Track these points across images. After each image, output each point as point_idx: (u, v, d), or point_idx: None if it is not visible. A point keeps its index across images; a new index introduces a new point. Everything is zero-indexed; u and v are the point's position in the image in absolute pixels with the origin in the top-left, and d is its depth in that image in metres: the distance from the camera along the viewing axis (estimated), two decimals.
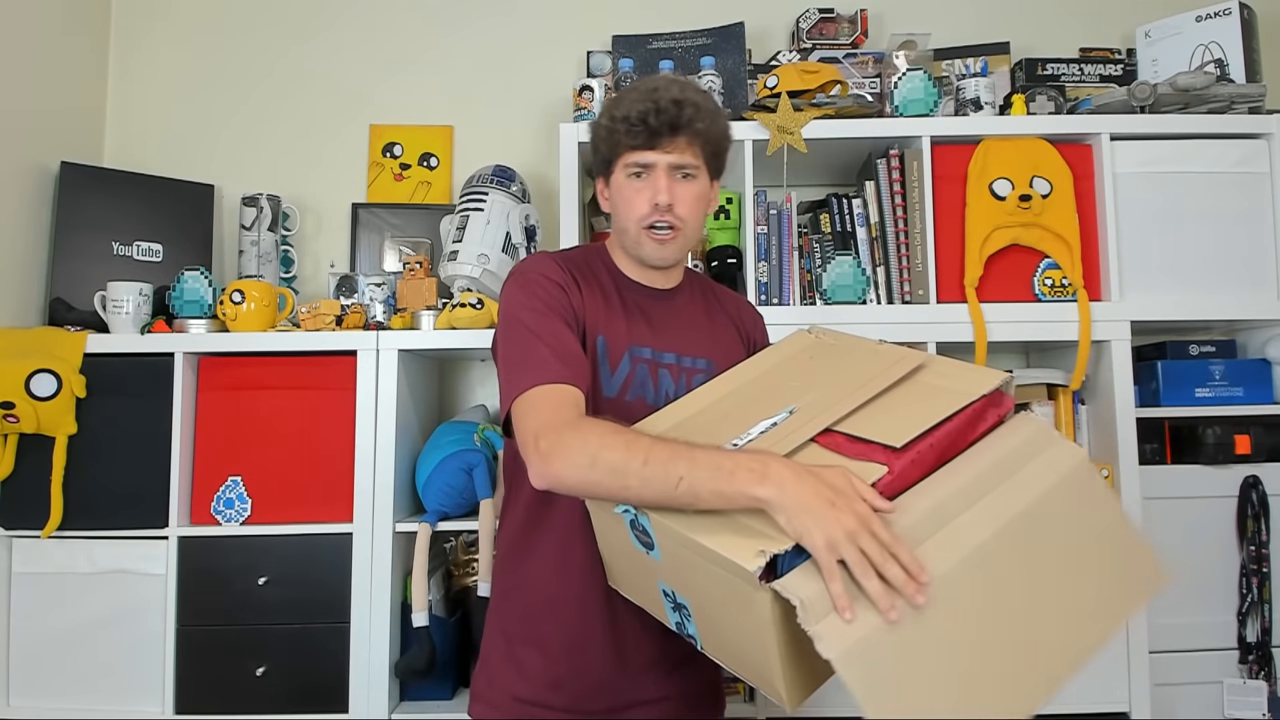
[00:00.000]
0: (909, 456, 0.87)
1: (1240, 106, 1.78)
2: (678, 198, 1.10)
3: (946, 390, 0.95)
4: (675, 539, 0.86)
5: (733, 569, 0.79)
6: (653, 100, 1.07)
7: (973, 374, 0.99)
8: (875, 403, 0.95)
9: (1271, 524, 1.70)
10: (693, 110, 1.07)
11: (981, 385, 0.95)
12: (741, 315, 1.27)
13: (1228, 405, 1.75)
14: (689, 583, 0.89)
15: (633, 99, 1.09)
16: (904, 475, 0.86)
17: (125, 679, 1.67)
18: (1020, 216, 1.72)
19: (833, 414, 0.93)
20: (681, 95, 1.07)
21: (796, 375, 1.06)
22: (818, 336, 1.16)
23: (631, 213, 1.11)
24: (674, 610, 0.95)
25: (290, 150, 2.19)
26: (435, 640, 1.65)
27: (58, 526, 1.66)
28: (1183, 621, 1.67)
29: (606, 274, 1.17)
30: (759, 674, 0.86)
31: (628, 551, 0.97)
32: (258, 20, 2.22)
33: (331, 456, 1.69)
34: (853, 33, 2.09)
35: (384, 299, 1.85)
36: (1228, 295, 1.74)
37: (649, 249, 1.12)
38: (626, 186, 1.11)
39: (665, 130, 1.07)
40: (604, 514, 1.00)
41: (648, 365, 1.12)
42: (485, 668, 1.17)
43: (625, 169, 1.11)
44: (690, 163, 1.10)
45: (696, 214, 1.13)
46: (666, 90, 1.07)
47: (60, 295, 1.85)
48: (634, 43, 2.05)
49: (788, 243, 1.78)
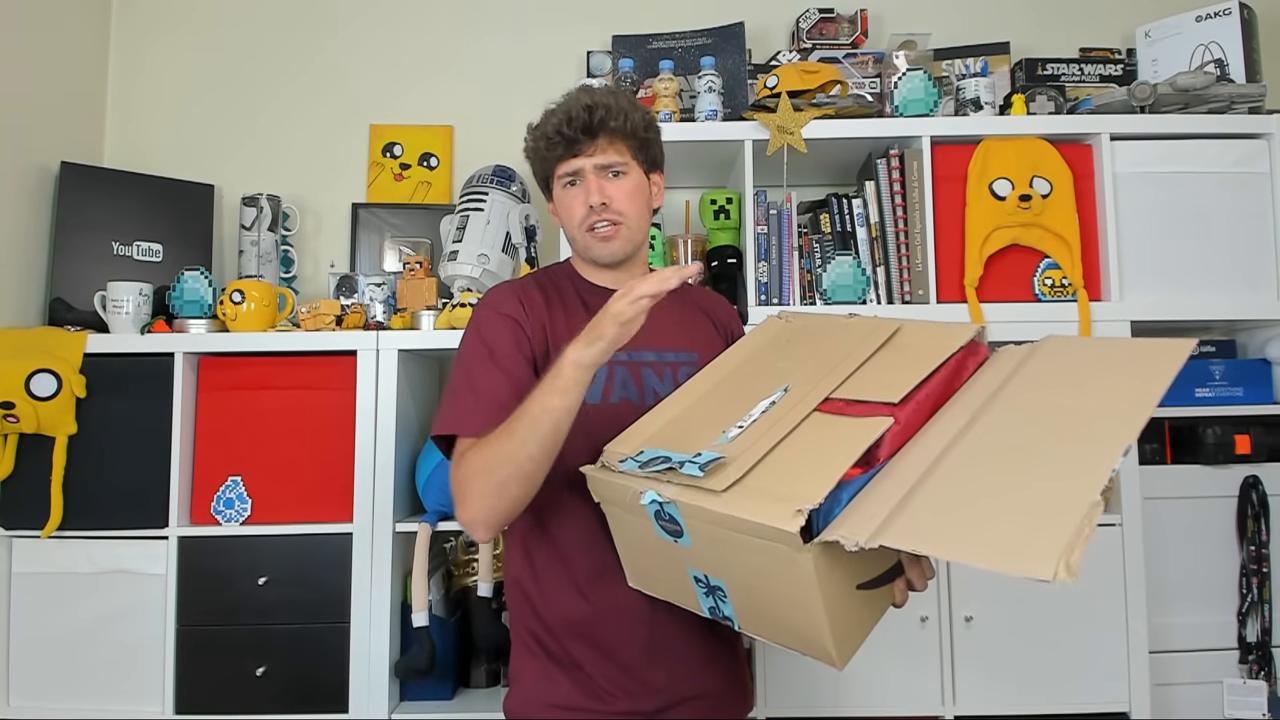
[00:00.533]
0: (909, 408, 0.92)
1: (1240, 106, 1.78)
2: (610, 195, 1.13)
3: (926, 349, 1.00)
4: (706, 518, 0.87)
5: (771, 534, 0.80)
6: (564, 112, 1.13)
7: (946, 330, 1.05)
8: (863, 369, 1.01)
9: (1271, 524, 1.70)
10: (604, 111, 1.12)
11: (957, 338, 1.01)
12: (714, 308, 1.29)
13: (1228, 405, 1.75)
14: (723, 561, 0.91)
15: (548, 116, 1.16)
16: (909, 424, 0.91)
17: (125, 679, 1.67)
18: (1020, 216, 1.72)
19: (828, 384, 0.98)
20: (591, 100, 1.13)
21: (781, 357, 1.09)
22: (789, 320, 1.19)
23: (572, 219, 1.16)
24: (707, 595, 0.96)
25: (290, 150, 2.19)
26: (435, 640, 1.65)
27: (58, 526, 1.66)
28: (1183, 621, 1.67)
29: (571, 287, 1.21)
30: (805, 638, 0.88)
31: (653, 545, 0.97)
32: (258, 20, 2.22)
33: (331, 456, 1.69)
34: (853, 33, 2.09)
35: (384, 299, 1.85)
36: (1228, 295, 1.74)
37: (596, 249, 1.16)
38: (564, 196, 1.17)
39: (581, 136, 1.12)
40: (623, 512, 1.00)
41: (626, 367, 1.13)
42: (518, 685, 1.16)
43: (559, 181, 1.17)
44: (615, 160, 1.14)
45: (635, 206, 1.16)
46: (576, 100, 1.14)
47: (60, 295, 1.85)
48: (634, 43, 2.05)
49: (788, 243, 1.78)
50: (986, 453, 0.84)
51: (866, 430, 0.89)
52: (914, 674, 1.64)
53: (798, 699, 1.63)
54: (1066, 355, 0.99)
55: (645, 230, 1.20)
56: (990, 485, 0.79)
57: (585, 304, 1.18)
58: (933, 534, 0.75)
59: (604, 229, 1.14)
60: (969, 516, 0.76)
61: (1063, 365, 0.97)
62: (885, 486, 0.83)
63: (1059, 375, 0.95)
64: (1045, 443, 0.83)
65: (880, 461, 0.88)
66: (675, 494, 0.89)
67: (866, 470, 0.86)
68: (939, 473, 0.82)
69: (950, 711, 1.64)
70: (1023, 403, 0.91)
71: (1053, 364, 0.97)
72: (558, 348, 1.10)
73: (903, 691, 1.64)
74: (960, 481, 0.81)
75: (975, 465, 0.83)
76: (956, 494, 0.79)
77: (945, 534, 0.75)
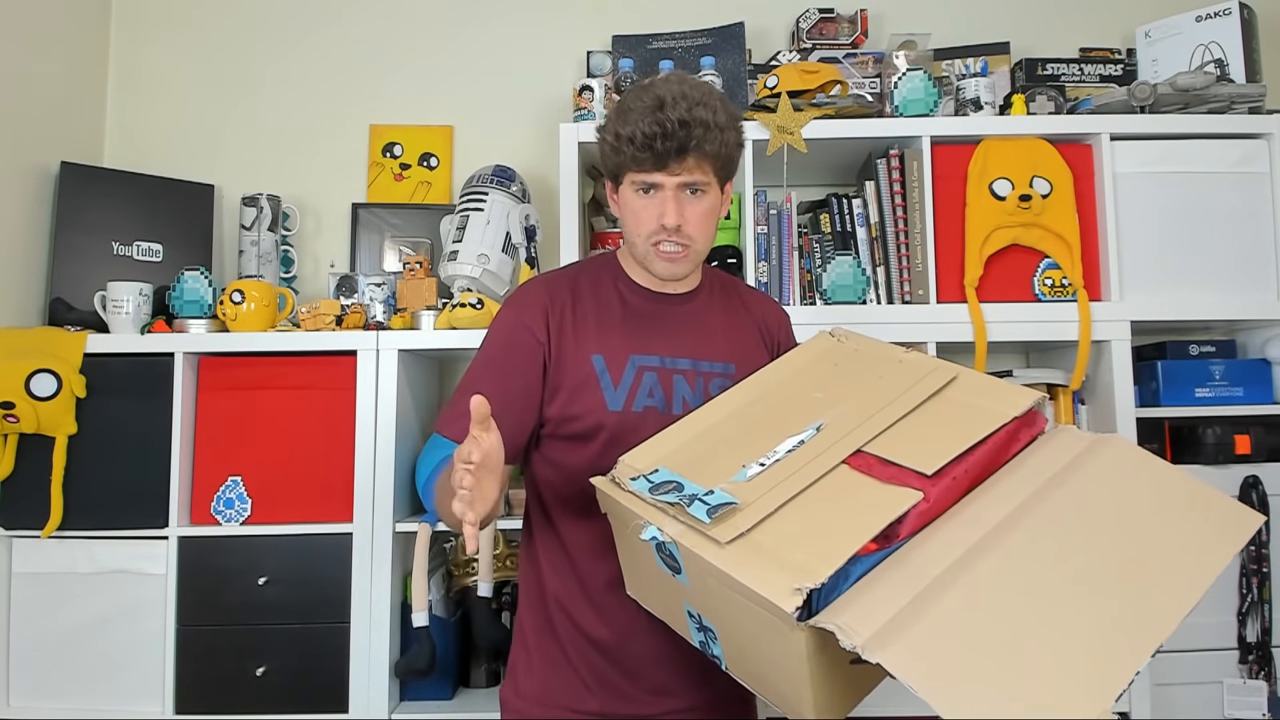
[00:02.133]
0: (943, 484, 0.85)
1: (1240, 106, 1.78)
2: (686, 217, 1.06)
3: (978, 409, 0.92)
4: (705, 569, 0.83)
5: (767, 605, 0.76)
6: (659, 123, 1.01)
7: (1004, 391, 0.96)
8: (905, 421, 0.93)
9: (1271, 524, 1.70)
10: (701, 131, 1.02)
11: (1015, 405, 0.92)
12: (766, 316, 1.24)
13: (1228, 405, 1.75)
14: (716, 610, 0.87)
15: (638, 115, 1.03)
16: (939, 502, 0.84)
17: (125, 679, 1.67)
18: (1020, 216, 1.72)
19: (863, 433, 0.91)
20: (689, 115, 1.01)
21: (821, 384, 1.03)
22: (840, 340, 1.13)
23: (640, 228, 1.09)
24: (699, 630, 0.93)
25: (290, 150, 2.19)
26: (435, 640, 1.65)
27: (58, 526, 1.66)
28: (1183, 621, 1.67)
29: (611, 285, 1.16)
30: (789, 702, 0.85)
31: (653, 571, 0.94)
32: (258, 20, 2.22)
33: (331, 456, 1.69)
34: (853, 33, 2.09)
35: (384, 299, 1.85)
36: (1228, 295, 1.74)
37: (658, 266, 1.11)
38: (634, 200, 1.08)
39: (672, 154, 1.02)
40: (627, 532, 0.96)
41: (656, 373, 1.10)
42: (512, 677, 1.17)
43: (632, 185, 1.08)
44: (699, 180, 1.06)
45: (706, 229, 1.10)
46: (673, 108, 1.01)
47: (60, 295, 1.85)
48: (634, 43, 2.05)
49: (788, 243, 1.78)
50: (1012, 587, 0.76)
51: (892, 502, 0.83)
52: None
53: None
54: (1128, 480, 0.89)
55: (707, 250, 1.13)
56: (1007, 638, 0.72)
57: (624, 300, 1.15)
58: (932, 676, 0.69)
59: (671, 250, 1.08)
60: (974, 670, 0.70)
61: (1119, 496, 0.87)
62: (898, 575, 0.77)
63: (1111, 510, 0.85)
64: (1076, 607, 0.75)
65: (899, 539, 0.82)
66: (678, 534, 0.84)
67: (882, 548, 0.80)
68: (958, 589, 0.75)
69: None
70: (1064, 533, 0.82)
71: (1108, 489, 0.87)
72: (571, 349, 1.09)
73: (903, 691, 1.63)
74: (977, 615, 0.73)
75: (997, 598, 0.75)
76: (969, 631, 0.72)
77: (944, 682, 0.69)
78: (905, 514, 0.82)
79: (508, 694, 1.17)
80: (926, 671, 0.69)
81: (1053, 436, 0.94)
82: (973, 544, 0.79)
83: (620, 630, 1.10)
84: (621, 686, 1.10)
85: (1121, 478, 0.89)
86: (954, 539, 0.80)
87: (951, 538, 0.81)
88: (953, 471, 0.86)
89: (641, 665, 1.10)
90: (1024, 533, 0.81)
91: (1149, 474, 0.90)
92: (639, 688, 1.10)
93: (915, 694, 0.68)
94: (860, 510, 0.82)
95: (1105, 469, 0.89)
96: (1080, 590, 0.77)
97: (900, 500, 0.82)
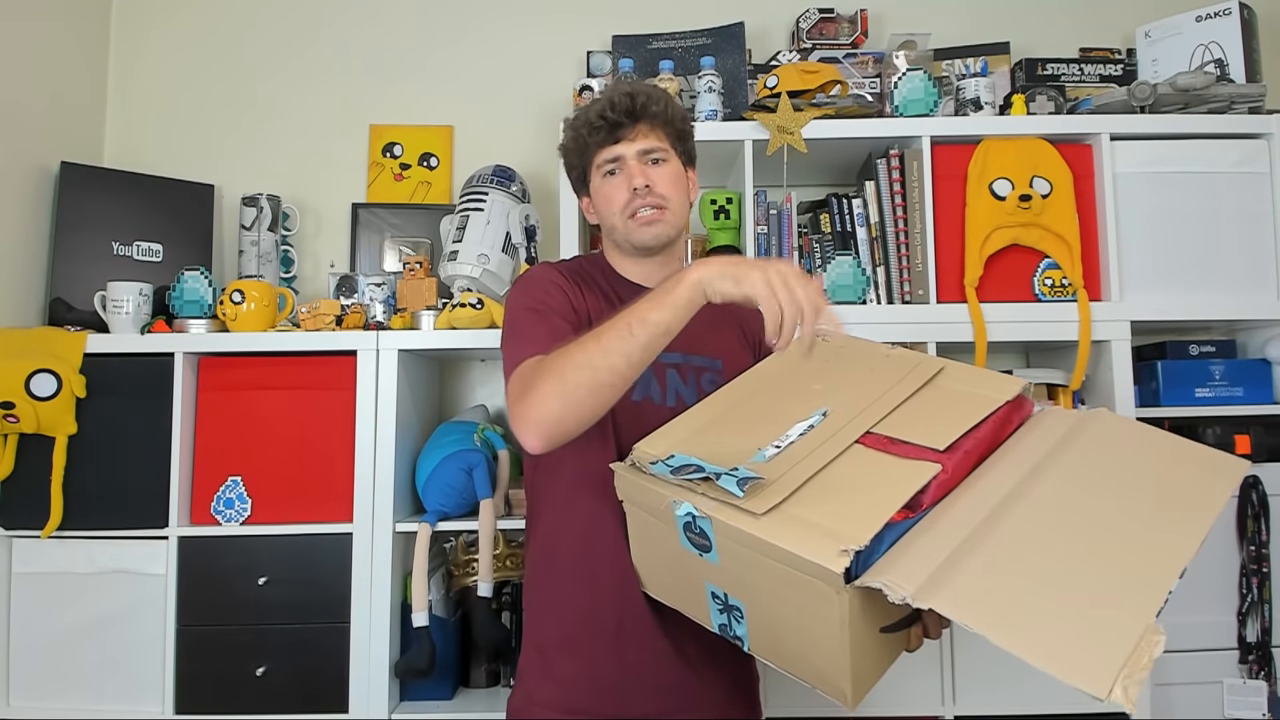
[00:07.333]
0: (957, 456, 0.89)
1: (1240, 106, 1.78)
2: (654, 179, 1.13)
3: (971, 395, 0.97)
4: (741, 540, 0.84)
5: (811, 569, 0.78)
6: (606, 99, 1.14)
7: (993, 378, 1.02)
8: (905, 406, 0.98)
9: (1271, 524, 1.69)
10: (644, 98, 1.13)
11: (1005, 390, 0.98)
12: (747, 318, 1.26)
13: (1228, 405, 1.75)
14: (749, 584, 0.88)
15: (588, 106, 1.16)
16: (955, 473, 0.89)
17: (125, 679, 1.66)
18: (1020, 216, 1.72)
19: (869, 416, 0.95)
20: (631, 89, 1.15)
21: (817, 377, 1.06)
22: (826, 339, 1.15)
23: (613, 206, 1.15)
24: (721, 612, 0.94)
25: (290, 150, 2.19)
26: (435, 640, 1.65)
27: (58, 526, 1.66)
28: (1183, 621, 1.67)
29: (604, 279, 1.19)
30: (821, 674, 0.86)
31: (672, 553, 0.94)
32: (258, 20, 2.22)
33: (331, 456, 1.69)
34: (853, 33, 2.09)
35: (384, 299, 1.85)
36: (1228, 295, 1.74)
37: (638, 233, 1.14)
38: (604, 185, 1.16)
39: (625, 120, 1.13)
40: (647, 515, 0.98)
41: (651, 365, 1.12)
42: (521, 686, 1.16)
43: (599, 170, 1.16)
44: (657, 146, 1.14)
45: (677, 193, 1.16)
46: (616, 88, 1.15)
47: (60, 295, 1.85)
48: (634, 43, 2.05)
49: (788, 243, 1.78)
50: (1041, 534, 0.81)
51: (914, 474, 0.86)
52: (914, 674, 1.64)
53: (798, 699, 1.63)
54: (1121, 444, 0.96)
55: (685, 219, 1.19)
56: (1045, 574, 0.77)
57: (617, 297, 1.15)
58: (985, 613, 0.72)
59: (648, 213, 1.13)
60: (1023, 603, 0.74)
61: (1117, 456, 0.94)
62: (929, 538, 0.81)
63: (1113, 467, 0.92)
64: (1102, 543, 0.80)
65: (924, 508, 0.85)
66: (712, 509, 0.85)
67: (911, 515, 0.84)
68: (992, 541, 0.79)
69: (950, 711, 1.64)
70: (1077, 488, 0.88)
71: (1106, 451, 0.94)
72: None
73: (903, 691, 1.64)
74: (1014, 559, 0.78)
75: (1029, 545, 0.80)
76: (1010, 572, 0.77)
77: (998, 616, 0.72)
78: (928, 484, 0.86)
79: (518, 703, 1.16)
80: (978, 611, 0.72)
81: (1043, 416, 1.00)
82: (996, 503, 0.84)
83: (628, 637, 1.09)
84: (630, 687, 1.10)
85: (1117, 440, 0.96)
86: (976, 503, 0.85)
87: (973, 502, 0.85)
88: (963, 446, 0.90)
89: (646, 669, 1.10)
90: (1040, 491, 0.86)
91: (1140, 436, 0.98)
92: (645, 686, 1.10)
93: (971, 631, 0.71)
94: (884, 482, 0.86)
95: (1101, 435, 0.96)
96: (1103, 531, 0.82)
97: (921, 472, 0.86)
